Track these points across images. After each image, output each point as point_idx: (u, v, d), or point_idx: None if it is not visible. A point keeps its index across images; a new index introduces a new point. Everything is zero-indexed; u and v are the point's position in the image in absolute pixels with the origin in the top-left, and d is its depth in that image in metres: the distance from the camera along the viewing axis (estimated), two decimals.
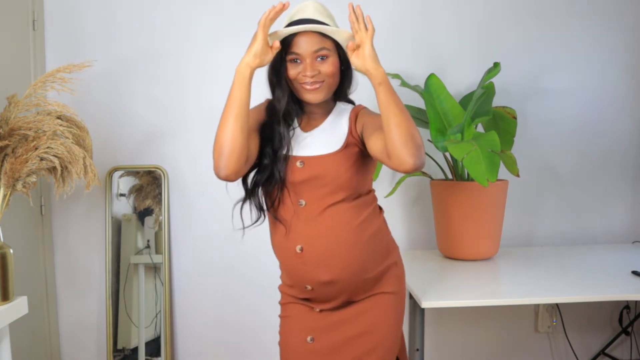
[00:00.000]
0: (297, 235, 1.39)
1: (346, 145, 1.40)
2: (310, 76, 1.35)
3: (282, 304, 1.54)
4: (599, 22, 2.41)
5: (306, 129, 1.46)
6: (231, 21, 2.30)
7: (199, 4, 2.29)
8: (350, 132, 1.41)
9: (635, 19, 2.42)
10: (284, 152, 1.40)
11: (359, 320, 1.45)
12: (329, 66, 1.36)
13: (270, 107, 1.45)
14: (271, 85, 1.43)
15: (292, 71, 1.37)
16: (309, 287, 1.42)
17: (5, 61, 1.99)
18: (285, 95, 1.40)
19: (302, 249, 1.38)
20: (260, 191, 1.44)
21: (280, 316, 1.54)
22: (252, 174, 1.44)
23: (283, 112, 1.40)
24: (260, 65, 1.32)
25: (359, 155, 1.40)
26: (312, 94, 1.38)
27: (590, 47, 2.41)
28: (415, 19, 2.35)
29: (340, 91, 1.46)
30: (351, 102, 1.52)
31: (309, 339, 1.46)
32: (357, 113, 1.44)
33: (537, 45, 2.39)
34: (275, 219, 1.43)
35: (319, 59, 1.36)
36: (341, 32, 1.35)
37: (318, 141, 1.42)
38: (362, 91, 1.52)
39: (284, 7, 1.31)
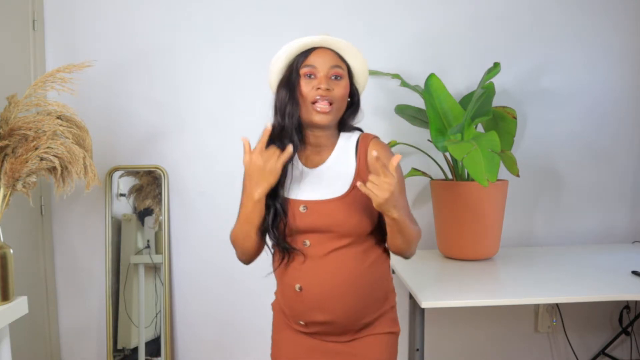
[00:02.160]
0: (296, 274, 1.36)
1: (353, 187, 1.34)
2: (324, 89, 1.30)
3: (275, 324, 1.50)
4: (599, 22, 2.41)
5: (310, 165, 1.39)
6: (231, 21, 2.30)
7: (199, 4, 2.29)
8: (357, 173, 1.35)
9: (636, 19, 2.42)
10: (285, 189, 1.35)
11: (352, 357, 1.40)
12: (342, 89, 1.34)
13: (275, 132, 1.35)
14: (281, 103, 1.35)
15: (306, 87, 1.32)
16: (302, 323, 1.39)
17: (5, 61, 1.99)
18: (297, 111, 1.33)
19: (301, 289, 1.35)
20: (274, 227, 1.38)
21: (272, 338, 1.50)
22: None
23: (292, 143, 1.33)
24: (273, 184, 1.30)
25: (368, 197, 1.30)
26: (322, 116, 1.32)
27: (590, 47, 2.41)
28: (416, 19, 2.35)
29: (345, 121, 1.41)
30: (356, 129, 1.45)
31: None
32: (368, 148, 1.36)
33: (537, 45, 2.39)
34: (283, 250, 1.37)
35: (333, 77, 1.33)
36: (360, 56, 1.35)
37: (324, 181, 1.36)
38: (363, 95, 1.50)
39: (269, 131, 1.30)
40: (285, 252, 1.36)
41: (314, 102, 1.32)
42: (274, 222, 1.34)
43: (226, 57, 2.31)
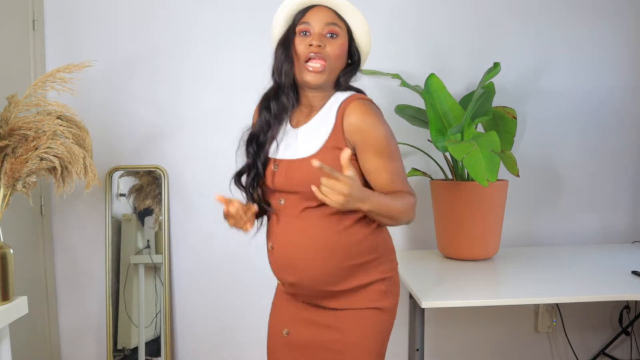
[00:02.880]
0: (271, 232, 1.39)
1: (326, 148, 1.29)
2: (316, 45, 1.28)
3: (277, 287, 1.54)
4: (599, 21, 2.40)
5: (297, 124, 1.38)
6: (232, 21, 2.30)
7: (200, 4, 2.29)
8: (332, 135, 1.30)
9: (635, 19, 2.42)
10: (267, 150, 1.36)
11: (335, 332, 1.37)
12: (336, 47, 1.31)
13: (267, 93, 1.39)
14: (277, 62, 1.35)
15: (300, 45, 1.31)
16: (279, 282, 1.44)
17: (5, 61, 1.99)
18: (292, 68, 1.32)
19: (272, 247, 1.38)
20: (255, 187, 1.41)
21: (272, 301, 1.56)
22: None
23: (279, 104, 1.35)
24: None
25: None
26: (313, 76, 1.30)
27: (590, 46, 2.41)
28: (416, 18, 2.35)
29: (339, 81, 1.37)
30: (353, 89, 1.40)
31: (284, 332, 1.44)
32: (345, 111, 1.30)
33: (537, 45, 2.39)
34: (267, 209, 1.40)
35: (329, 35, 1.31)
36: (359, 15, 1.32)
37: (302, 141, 1.33)
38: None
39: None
40: (261, 210, 1.39)
41: (307, 61, 1.31)
42: (254, 181, 1.38)
43: (226, 57, 2.31)
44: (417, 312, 1.73)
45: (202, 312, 2.36)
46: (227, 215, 1.34)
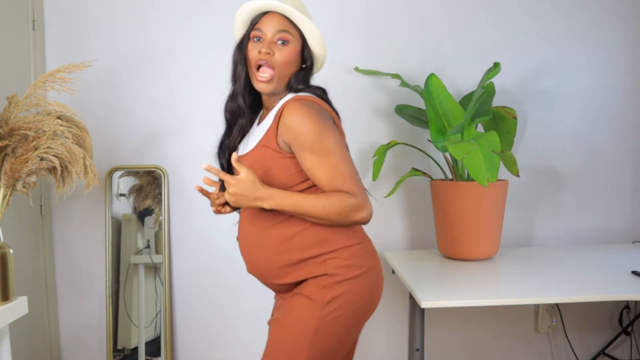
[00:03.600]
0: (239, 227, 1.48)
1: (258, 146, 1.35)
2: (265, 53, 1.33)
3: None
4: (599, 21, 2.41)
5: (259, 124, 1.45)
6: (231, 21, 2.29)
7: (199, 4, 2.29)
8: (267, 133, 1.34)
9: (636, 19, 2.42)
10: (233, 150, 1.44)
11: (280, 312, 1.43)
12: (285, 54, 1.35)
13: (229, 96, 1.46)
14: (233, 64, 1.43)
15: (252, 51, 1.37)
16: None
17: (5, 61, 1.99)
18: (244, 74, 1.40)
19: (237, 239, 1.48)
20: None
21: None
22: None
23: (235, 108, 1.43)
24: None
25: (272, 157, 1.33)
26: (262, 85, 1.36)
27: (590, 46, 2.41)
28: (416, 18, 2.35)
29: (291, 83, 1.40)
30: (312, 87, 1.42)
31: (273, 317, 1.50)
32: (282, 113, 1.32)
33: (537, 45, 2.39)
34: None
35: (279, 42, 1.36)
36: (308, 24, 1.36)
37: (249, 140, 1.42)
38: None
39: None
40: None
41: (258, 68, 1.36)
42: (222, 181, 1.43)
43: (226, 57, 2.28)
44: (417, 312, 1.73)
45: (202, 312, 2.36)
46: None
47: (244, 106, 1.44)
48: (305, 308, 1.33)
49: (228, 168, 1.48)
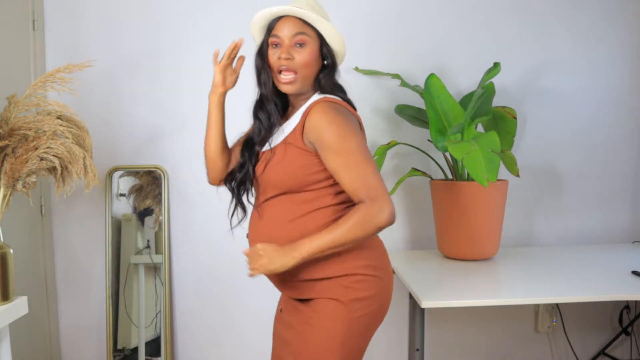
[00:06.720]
0: (249, 224, 1.48)
1: (282, 143, 1.37)
2: (284, 58, 1.35)
3: None
4: (599, 21, 2.41)
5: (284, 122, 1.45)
6: (232, 21, 2.29)
7: (199, 4, 2.29)
8: (293, 131, 1.37)
9: (636, 19, 2.42)
10: (258, 148, 1.43)
11: (298, 318, 1.41)
12: (304, 56, 1.36)
13: (256, 102, 1.47)
14: (257, 71, 1.44)
15: (272, 57, 1.39)
16: None
17: (5, 61, 1.99)
18: (270, 80, 1.41)
19: (247, 236, 1.48)
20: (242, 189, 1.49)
21: None
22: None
23: (265, 112, 1.43)
24: (225, 91, 1.49)
25: (294, 154, 1.35)
26: (286, 87, 1.39)
27: (590, 46, 2.41)
28: (416, 18, 2.35)
29: (320, 82, 1.42)
30: (336, 87, 1.44)
31: (279, 309, 1.54)
32: (308, 114, 1.34)
33: (537, 45, 2.39)
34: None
35: (297, 45, 1.37)
36: (323, 23, 1.36)
37: (274, 137, 1.42)
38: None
39: (238, 45, 1.43)
40: (242, 208, 1.50)
41: (280, 72, 1.38)
42: (241, 182, 1.46)
43: None
44: (417, 312, 1.73)
45: (202, 312, 2.36)
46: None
47: (274, 110, 1.44)
48: (332, 308, 1.35)
49: (254, 163, 1.45)
